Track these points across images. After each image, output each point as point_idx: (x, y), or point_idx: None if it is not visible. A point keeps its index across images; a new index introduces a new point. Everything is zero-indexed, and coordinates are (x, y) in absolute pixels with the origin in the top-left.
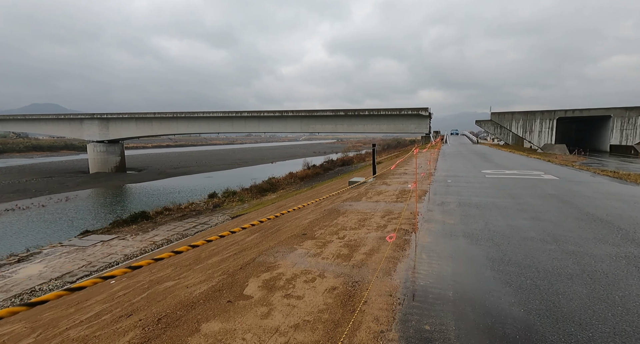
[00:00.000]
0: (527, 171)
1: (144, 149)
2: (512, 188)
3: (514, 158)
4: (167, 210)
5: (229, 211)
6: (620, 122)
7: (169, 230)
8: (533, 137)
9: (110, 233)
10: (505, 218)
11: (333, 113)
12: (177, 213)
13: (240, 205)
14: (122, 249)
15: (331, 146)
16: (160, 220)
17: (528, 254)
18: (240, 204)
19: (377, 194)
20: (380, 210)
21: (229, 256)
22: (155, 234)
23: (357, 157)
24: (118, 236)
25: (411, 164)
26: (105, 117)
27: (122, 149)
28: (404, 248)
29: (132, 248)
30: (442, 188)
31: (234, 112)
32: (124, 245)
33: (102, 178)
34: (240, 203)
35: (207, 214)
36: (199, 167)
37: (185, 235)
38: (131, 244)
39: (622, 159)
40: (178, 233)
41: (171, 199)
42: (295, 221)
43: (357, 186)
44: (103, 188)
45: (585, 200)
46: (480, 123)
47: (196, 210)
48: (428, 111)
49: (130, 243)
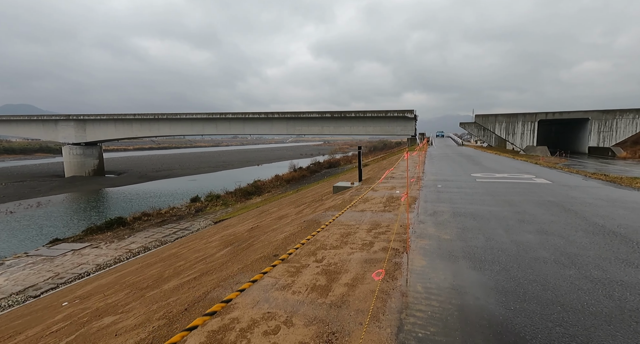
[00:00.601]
0: (517, 174)
1: (125, 152)
2: (506, 194)
3: (501, 160)
4: (146, 215)
5: (212, 216)
6: (598, 125)
7: (147, 236)
8: (516, 139)
9: (83, 241)
10: (508, 232)
11: (319, 115)
12: (157, 218)
13: (224, 209)
14: (94, 258)
15: (318, 148)
16: (138, 226)
17: (546, 283)
18: (224, 208)
19: (363, 202)
20: (366, 222)
21: (187, 282)
22: (132, 241)
23: (344, 158)
24: (91, 245)
25: (399, 167)
26: (81, 119)
27: (100, 152)
28: (394, 276)
29: (106, 257)
30: (433, 194)
31: (218, 114)
32: (97, 254)
33: (78, 182)
34: (224, 207)
35: (188, 219)
36: (183, 170)
37: (164, 242)
38: (105, 252)
39: (601, 161)
40: (157, 239)
41: (152, 204)
42: (272, 233)
43: (342, 192)
44: (78, 192)
45: (589, 208)
46: (465, 126)
47: (177, 214)
48: (414, 113)
49: (104, 251)
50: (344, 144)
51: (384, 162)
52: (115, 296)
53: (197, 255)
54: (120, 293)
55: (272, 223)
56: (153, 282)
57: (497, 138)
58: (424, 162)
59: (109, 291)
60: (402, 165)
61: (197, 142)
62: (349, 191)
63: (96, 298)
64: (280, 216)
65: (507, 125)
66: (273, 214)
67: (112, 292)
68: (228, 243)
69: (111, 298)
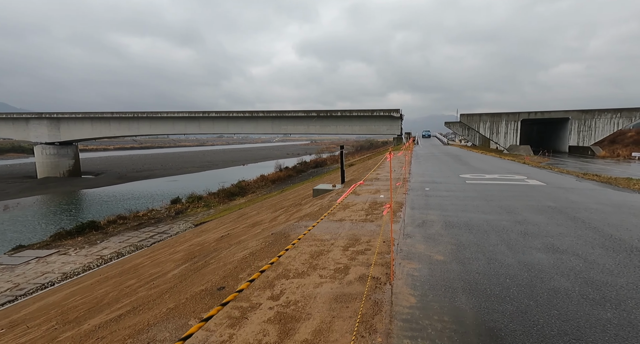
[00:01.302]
0: (508, 175)
1: (105, 152)
2: (501, 198)
3: (488, 160)
4: (122, 218)
5: (193, 218)
6: (578, 124)
7: (122, 241)
8: (499, 138)
9: (50, 247)
10: (513, 250)
11: (305, 114)
12: (134, 221)
13: (206, 210)
14: (60, 266)
15: (305, 147)
16: (112, 230)
17: (581, 336)
18: (206, 210)
19: (343, 208)
20: (344, 236)
21: (107, 323)
22: (104, 246)
23: (331, 158)
24: (58, 251)
25: (384, 168)
26: (55, 117)
27: (76, 151)
28: (372, 327)
29: (74, 264)
30: (421, 199)
31: (201, 112)
32: (64, 261)
33: (51, 183)
34: (206, 209)
35: (168, 222)
36: (165, 171)
37: (140, 247)
38: (73, 260)
39: (582, 160)
40: (132, 244)
41: (130, 206)
42: (235, 247)
43: (322, 196)
44: (51, 194)
45: (596, 215)
46: (450, 125)
47: (156, 217)
48: (399, 112)
49: (72, 258)
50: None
51: (369, 162)
52: (33, 334)
53: (153, 270)
54: (42, 328)
55: (244, 231)
56: (84, 312)
57: (482, 138)
58: (410, 162)
59: (34, 322)
60: (387, 166)
61: (181, 142)
62: (329, 195)
63: (18, 330)
64: (254, 222)
65: (491, 125)
66: (249, 219)
67: (37, 324)
68: (189, 257)
69: (28, 335)
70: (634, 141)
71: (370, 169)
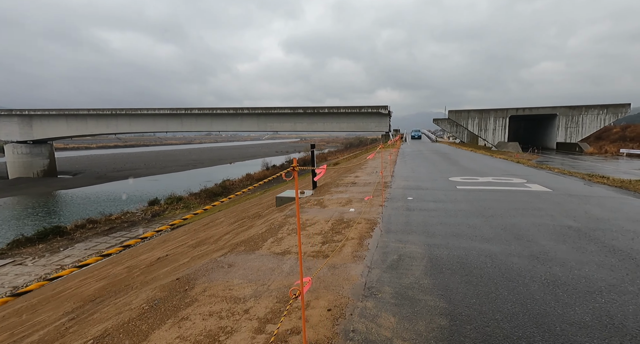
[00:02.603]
0: (504, 178)
1: (86, 150)
2: (503, 212)
3: (479, 158)
4: (92, 222)
5: (170, 221)
6: (565, 121)
7: (88, 248)
8: (488, 135)
9: (5, 256)
10: (545, 329)
11: (291, 111)
12: (105, 225)
13: (186, 212)
14: (12, 279)
15: (294, 145)
16: (80, 235)
17: None
18: (185, 211)
19: (295, 232)
20: (273, 291)
21: None
22: (67, 255)
23: (319, 156)
24: (14, 261)
25: (366, 169)
26: (27, 114)
27: (51, 150)
28: None
29: (29, 276)
30: (401, 214)
31: (183, 109)
32: (17, 273)
33: (22, 184)
34: (185, 211)
35: (142, 225)
36: (147, 170)
37: (107, 254)
38: (29, 270)
39: (571, 156)
40: (98, 251)
41: (106, 208)
42: (121, 300)
43: (284, 207)
44: (22, 196)
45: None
46: (438, 122)
47: (130, 220)
48: (388, 109)
49: (28, 269)
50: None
51: (354, 160)
52: None
53: (40, 318)
54: None
55: (183, 253)
56: None
57: (470, 134)
58: (395, 161)
59: None
60: (370, 165)
61: (167, 140)
62: (291, 207)
63: None
64: (202, 239)
65: (480, 121)
66: (207, 231)
67: None
68: (94, 296)
69: None
70: (620, 137)
71: (350, 169)
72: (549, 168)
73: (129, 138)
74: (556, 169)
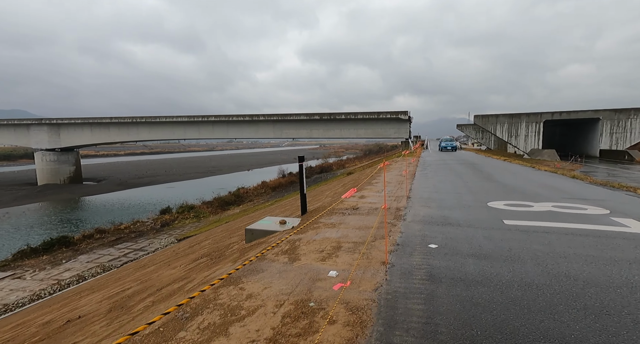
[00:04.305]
0: (570, 205)
1: (115, 157)
2: (623, 303)
3: (517, 170)
4: (101, 232)
5: (179, 231)
6: (610, 125)
7: (92, 260)
8: (519, 141)
9: (7, 268)
10: None
11: (307, 117)
12: (112, 235)
13: (195, 222)
14: (6, 295)
15: (313, 152)
16: (85, 246)
17: None
18: (195, 221)
19: (236, 317)
20: None
21: None
22: (67, 268)
23: (337, 163)
24: (14, 274)
25: (375, 183)
26: (55, 123)
27: (77, 157)
28: None
29: (24, 291)
30: (416, 291)
31: (200, 117)
32: (13, 287)
33: (49, 190)
34: (196, 221)
35: (150, 236)
36: (167, 176)
37: (109, 268)
38: (25, 285)
39: (622, 166)
40: (100, 264)
41: (121, 214)
42: None
43: (255, 245)
44: (47, 202)
45: None
46: (462, 128)
47: (139, 230)
48: (408, 114)
49: (25, 283)
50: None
51: (367, 171)
52: None
53: None
54: None
55: (87, 320)
56: None
57: (497, 141)
58: (414, 173)
59: None
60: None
61: (191, 146)
62: (259, 249)
63: None
64: (136, 291)
65: (509, 127)
66: (163, 269)
67: None
68: None
69: None
70: None
71: (358, 182)
72: (627, 188)
73: (155, 145)
74: (631, 188)
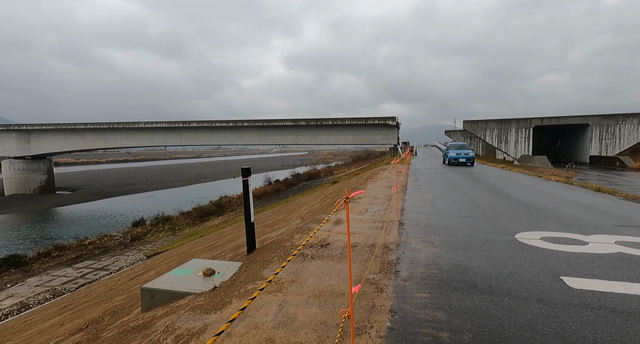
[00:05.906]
0: (633, 238)
1: (96, 165)
2: None
3: (524, 181)
4: (60, 248)
5: (149, 246)
6: (599, 131)
7: (42, 283)
8: (509, 147)
9: None
10: None
11: (293, 123)
12: (73, 252)
13: (169, 235)
14: None
15: (302, 158)
16: (39, 266)
17: None
18: (170, 234)
19: None
20: None
21: None
22: (10, 293)
23: (325, 170)
24: None
25: (359, 201)
26: (25, 129)
27: (49, 166)
28: None
29: None
30: None
31: (182, 122)
32: None
33: (15, 201)
34: (170, 233)
35: (116, 252)
36: (148, 185)
37: (61, 292)
38: None
39: (615, 172)
40: (51, 289)
41: (87, 228)
42: None
43: (137, 327)
44: (11, 214)
45: None
46: (450, 134)
47: (104, 246)
48: (396, 120)
49: None
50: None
51: (352, 180)
52: None
53: None
54: None
55: None
56: None
57: (486, 147)
58: (406, 186)
59: None
60: (369, 194)
61: (177, 154)
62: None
63: None
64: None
65: (499, 132)
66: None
67: None
68: None
69: None
70: None
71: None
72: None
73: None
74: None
